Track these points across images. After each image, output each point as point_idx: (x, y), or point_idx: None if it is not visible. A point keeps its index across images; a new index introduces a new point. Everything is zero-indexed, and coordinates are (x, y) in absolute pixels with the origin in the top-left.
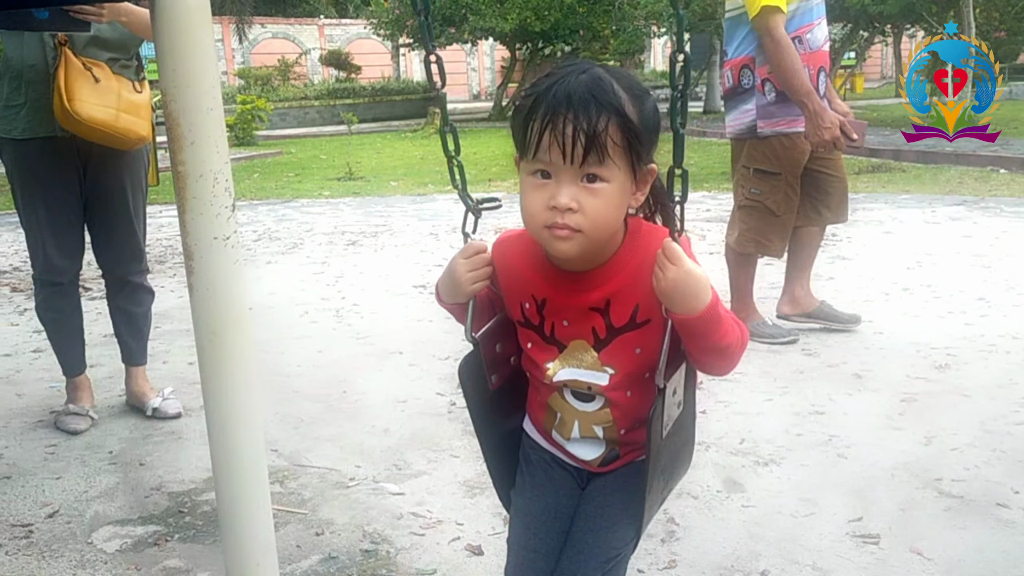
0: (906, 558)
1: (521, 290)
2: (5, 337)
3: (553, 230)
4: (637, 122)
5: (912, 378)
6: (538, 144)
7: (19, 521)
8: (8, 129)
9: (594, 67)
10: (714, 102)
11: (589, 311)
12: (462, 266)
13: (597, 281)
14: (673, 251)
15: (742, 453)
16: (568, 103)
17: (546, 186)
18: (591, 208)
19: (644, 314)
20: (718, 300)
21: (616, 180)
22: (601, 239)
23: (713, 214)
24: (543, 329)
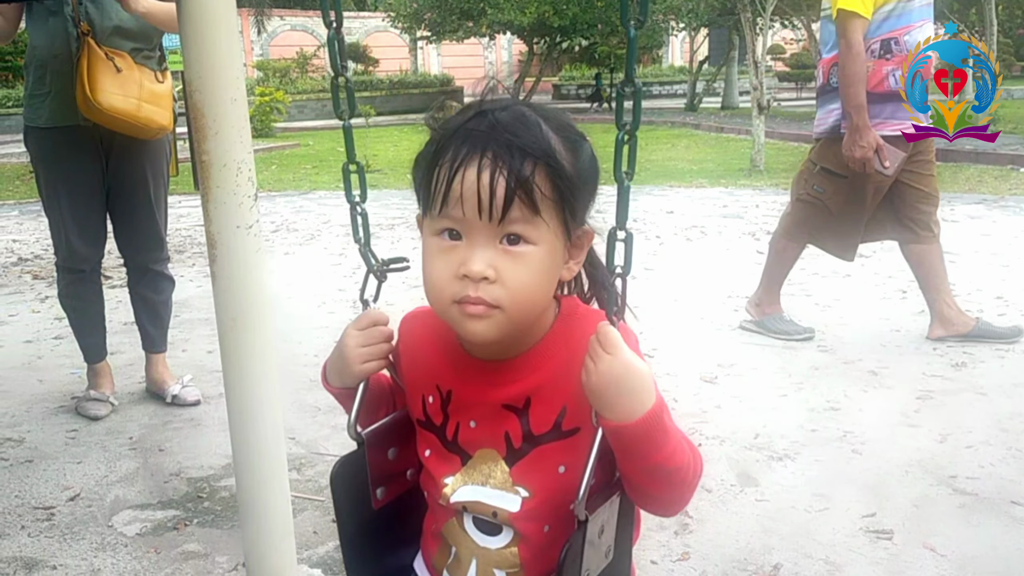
0: (919, 554)
1: (425, 379)
2: (27, 324)
3: (464, 306)
4: (571, 171)
5: (928, 376)
6: (446, 196)
7: (41, 504)
8: (33, 117)
9: (518, 104)
10: (732, 98)
11: (502, 410)
12: (354, 340)
13: (516, 373)
14: (609, 338)
15: (756, 448)
16: (485, 144)
17: (455, 249)
18: (513, 277)
19: (573, 420)
20: (664, 408)
21: (545, 242)
22: (525, 319)
23: (730, 210)
24: (445, 431)
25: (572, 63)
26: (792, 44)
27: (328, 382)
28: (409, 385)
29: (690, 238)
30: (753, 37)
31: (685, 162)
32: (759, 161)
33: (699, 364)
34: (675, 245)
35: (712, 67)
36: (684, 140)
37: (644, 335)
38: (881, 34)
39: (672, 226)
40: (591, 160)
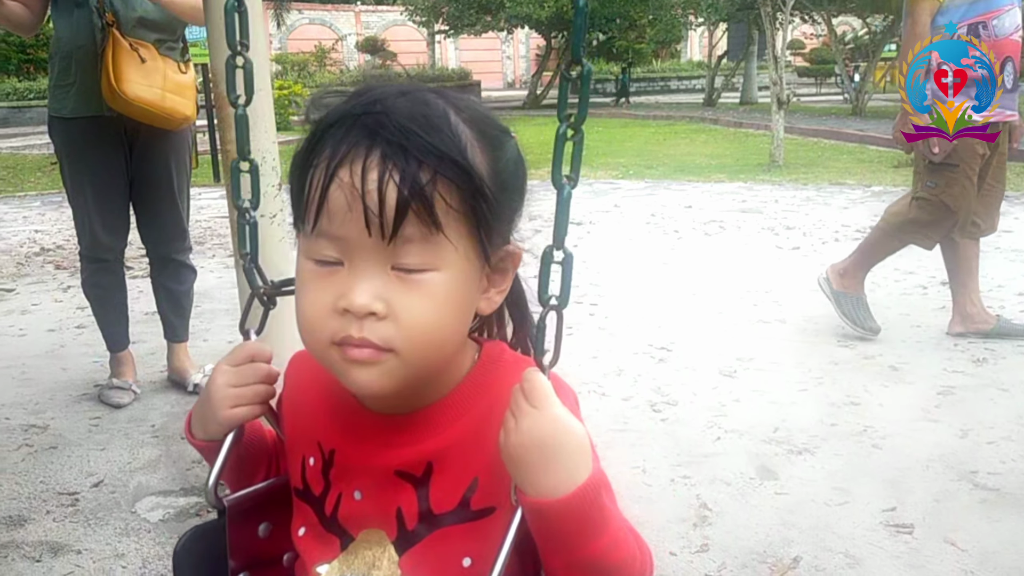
0: (940, 548)
1: (307, 435)
2: (50, 313)
3: (346, 349)
4: (487, 176)
5: (949, 371)
6: (320, 207)
7: (66, 489)
8: (58, 108)
9: (422, 89)
10: (751, 93)
11: (396, 479)
12: (225, 377)
13: (416, 431)
14: (536, 388)
15: (775, 441)
16: (372, 139)
17: (334, 277)
18: (408, 312)
19: (485, 497)
20: (604, 484)
21: (451, 267)
22: (426, 365)
23: (749, 205)
24: (323, 504)
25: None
26: (812, 39)
27: (191, 433)
28: (290, 442)
29: (708, 233)
30: (773, 32)
31: (703, 157)
32: (778, 156)
33: (717, 358)
34: (693, 240)
35: (731, 62)
36: (702, 135)
37: (662, 329)
38: (968, 18)
39: (690, 220)
40: (516, 162)
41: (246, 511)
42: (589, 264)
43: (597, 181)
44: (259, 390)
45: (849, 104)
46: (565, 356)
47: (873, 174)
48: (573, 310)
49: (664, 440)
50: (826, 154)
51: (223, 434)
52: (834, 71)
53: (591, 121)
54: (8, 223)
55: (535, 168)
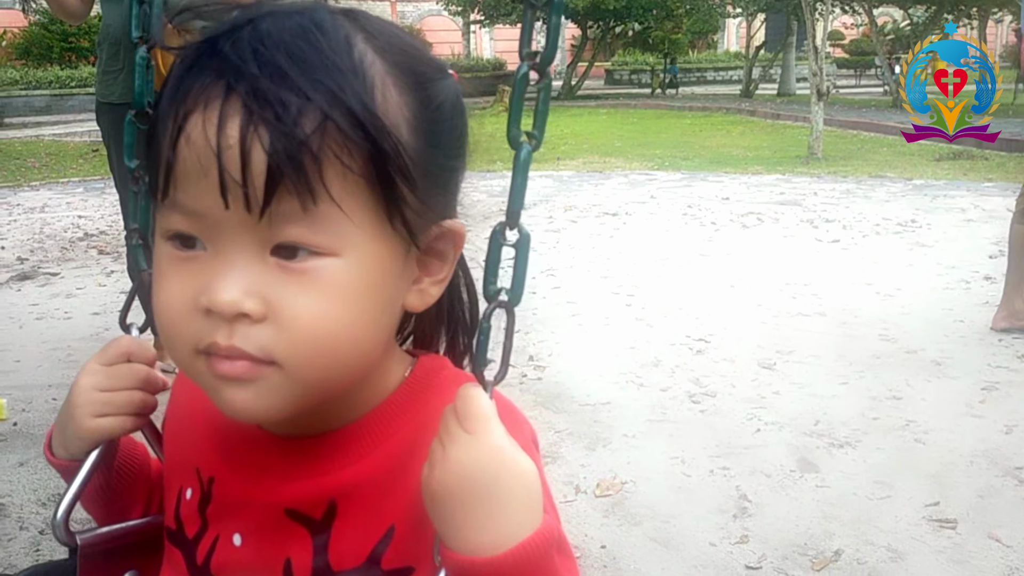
0: (984, 544)
1: (186, 461)
2: (94, 297)
3: (213, 361)
4: (406, 131)
5: (993, 367)
6: (169, 172)
7: None
8: (106, 94)
9: (321, 8)
10: (789, 84)
11: (287, 521)
12: (92, 378)
13: (319, 459)
14: (473, 408)
15: (816, 434)
16: (234, 74)
17: (195, 264)
18: (294, 312)
19: (402, 552)
20: (555, 541)
21: (356, 251)
22: (322, 382)
23: (787, 197)
24: (195, 550)
25: (625, 48)
26: (851, 29)
27: (50, 450)
28: (168, 470)
29: (746, 225)
30: (813, 22)
31: (740, 149)
32: (817, 149)
33: (757, 350)
34: (731, 232)
35: (769, 53)
36: (739, 127)
37: (700, 320)
38: None
39: (728, 212)
40: (452, 109)
41: (106, 553)
42: (625, 254)
43: (633, 172)
44: (134, 397)
45: (890, 96)
46: (602, 346)
47: (914, 167)
48: (609, 300)
49: (703, 431)
50: (866, 146)
51: (85, 451)
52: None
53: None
54: (52, 208)
55: (569, 159)
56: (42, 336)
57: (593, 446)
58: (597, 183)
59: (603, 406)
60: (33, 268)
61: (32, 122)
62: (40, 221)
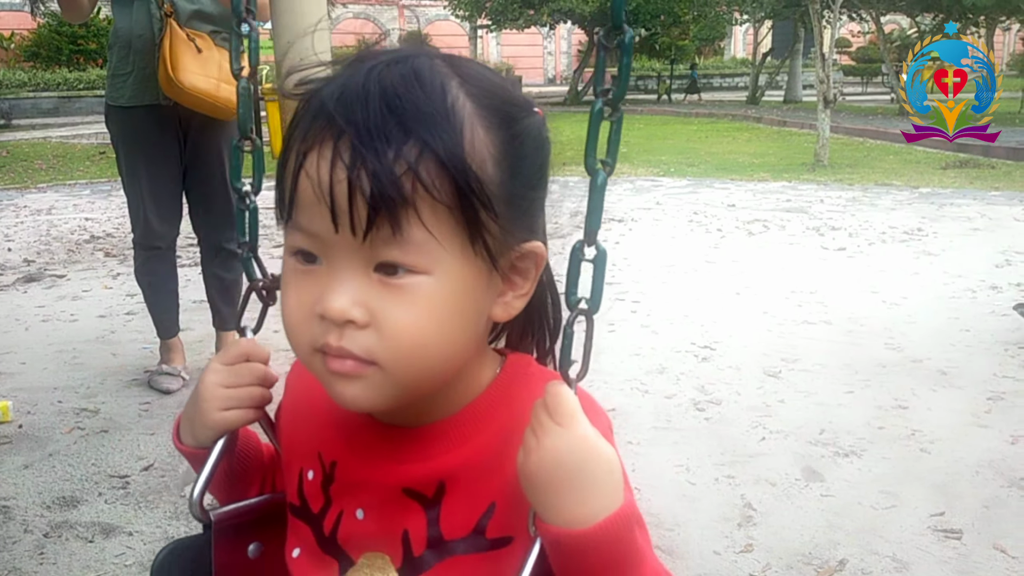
0: (989, 555)
1: (306, 446)
2: (100, 300)
3: (327, 359)
4: (491, 166)
5: (999, 376)
6: (292, 198)
7: (116, 472)
8: (116, 97)
9: (422, 56)
10: (795, 91)
11: (403, 498)
12: (217, 377)
13: (428, 446)
14: (561, 403)
15: (821, 443)
16: (344, 121)
17: (312, 276)
18: (392, 322)
19: (502, 525)
20: (636, 517)
21: (444, 270)
22: (418, 382)
23: (793, 205)
24: (322, 522)
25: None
26: (858, 37)
27: (179, 439)
28: (287, 454)
29: (752, 232)
30: (821, 29)
31: (746, 155)
32: (823, 156)
33: (762, 358)
34: (737, 239)
35: (775, 60)
36: (745, 133)
37: (705, 327)
38: None
39: (734, 219)
40: (535, 146)
41: (235, 528)
42: (631, 261)
43: (639, 178)
44: (253, 392)
45: (896, 104)
46: (607, 352)
47: (920, 175)
48: (615, 307)
49: (708, 439)
50: (872, 154)
51: (213, 440)
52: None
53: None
54: (59, 211)
55: (575, 164)
56: (48, 338)
57: None
58: None
59: (608, 413)
60: (39, 270)
61: (40, 124)
62: (47, 223)
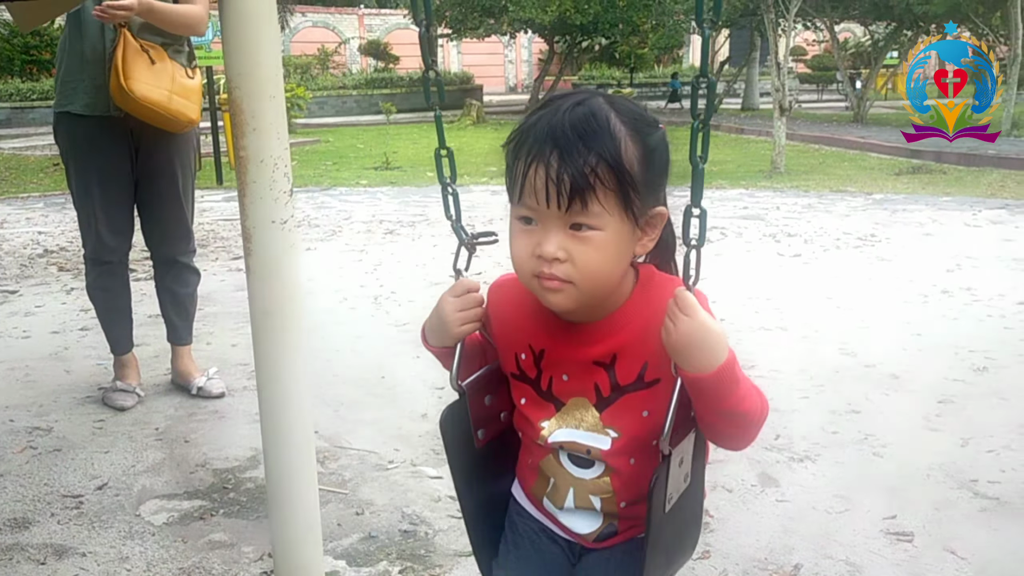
0: (939, 556)
1: (517, 339)
2: (53, 315)
3: (542, 280)
4: (636, 163)
5: (950, 380)
6: (522, 188)
7: (70, 492)
8: (65, 104)
9: (594, 98)
10: (752, 99)
11: (592, 366)
12: (451, 305)
13: (602, 333)
14: (686, 302)
15: (777, 449)
16: (552, 142)
17: (532, 233)
18: (581, 258)
19: (653, 373)
20: (735, 360)
21: (610, 227)
22: (598, 291)
23: (751, 212)
24: (539, 383)
25: (592, 62)
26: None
27: (428, 343)
28: (501, 344)
29: (709, 239)
30: (776, 38)
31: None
32: (779, 163)
33: None
34: None
35: (733, 68)
36: None
37: None
38: None
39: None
40: (661, 148)
41: (476, 389)
42: None
43: None
44: (477, 312)
45: (851, 111)
46: None
47: (874, 181)
48: None
49: None
50: (828, 161)
51: (455, 343)
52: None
53: None
54: (11, 224)
55: None
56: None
57: None
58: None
59: None
60: None
61: None
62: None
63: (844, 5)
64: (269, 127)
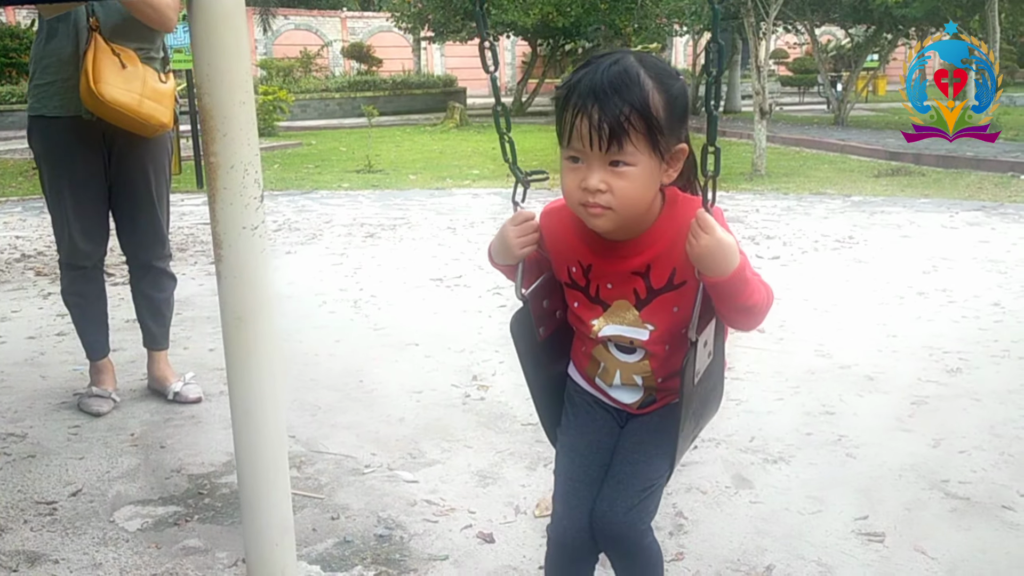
0: (910, 556)
1: (568, 256)
2: (30, 320)
3: (587, 207)
4: (661, 110)
5: (923, 381)
6: (570, 133)
7: (43, 499)
8: (38, 107)
9: (626, 56)
10: (735, 102)
11: (631, 275)
12: (512, 232)
13: (638, 249)
14: (706, 221)
15: (752, 451)
16: (593, 96)
17: (578, 170)
18: (619, 189)
19: (680, 277)
20: (746, 264)
21: (642, 163)
22: (633, 215)
23: (730, 215)
24: (588, 291)
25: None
26: (795, 48)
27: (495, 262)
28: (555, 260)
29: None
30: (756, 41)
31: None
32: (760, 166)
33: None
34: None
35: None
36: None
37: None
38: None
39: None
40: (681, 96)
41: (536, 296)
42: None
43: None
44: (535, 236)
45: (831, 113)
46: None
47: (854, 184)
48: None
49: None
50: (807, 163)
51: (517, 261)
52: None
53: None
54: None
55: None
56: None
57: (534, 466)
58: (545, 199)
59: None
60: None
61: None
62: None
63: (824, 8)
64: (239, 132)
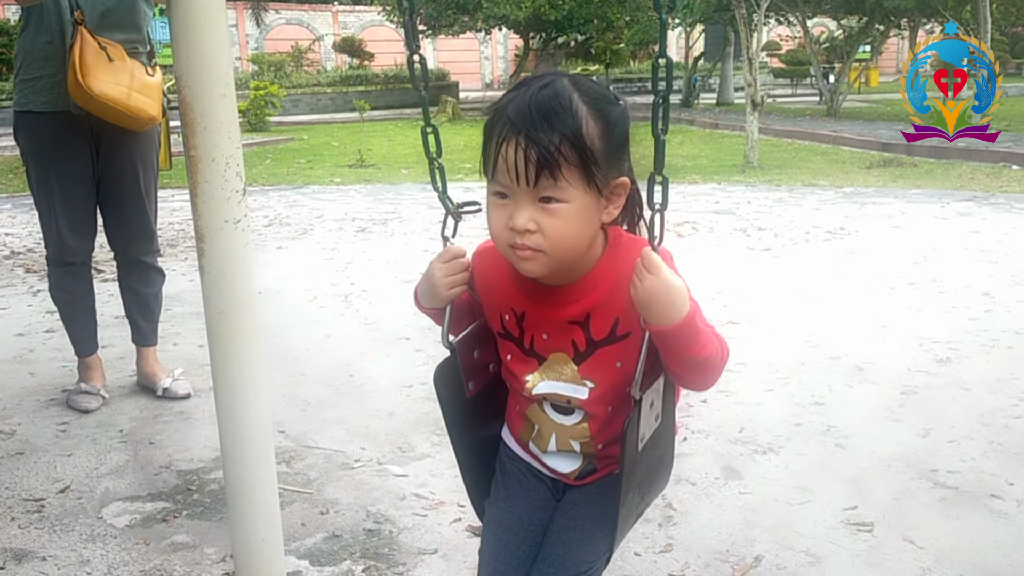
0: (898, 546)
1: (500, 302)
2: (18, 317)
3: (516, 250)
4: (597, 139)
5: (913, 371)
6: (494, 166)
7: (31, 496)
8: (24, 103)
9: (559, 79)
10: (727, 94)
11: (568, 324)
12: (439, 271)
13: (576, 295)
14: (651, 260)
15: (741, 442)
16: (521, 123)
17: (505, 207)
18: (550, 229)
19: (624, 327)
20: (697, 312)
21: (576, 199)
22: (568, 258)
23: (722, 207)
24: (522, 342)
25: (568, 58)
26: (787, 40)
27: (420, 304)
28: (487, 305)
29: (681, 234)
30: (748, 33)
31: (679, 158)
32: (752, 158)
33: None
34: (666, 241)
35: (707, 63)
36: (678, 136)
37: None
38: None
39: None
40: (620, 123)
41: (465, 345)
42: None
43: None
44: (464, 276)
45: (824, 105)
46: None
47: (845, 175)
48: None
49: None
50: (800, 155)
51: (444, 305)
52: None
53: None
54: None
55: None
56: None
57: None
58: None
59: None
60: None
61: None
62: None
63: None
64: (220, 126)
